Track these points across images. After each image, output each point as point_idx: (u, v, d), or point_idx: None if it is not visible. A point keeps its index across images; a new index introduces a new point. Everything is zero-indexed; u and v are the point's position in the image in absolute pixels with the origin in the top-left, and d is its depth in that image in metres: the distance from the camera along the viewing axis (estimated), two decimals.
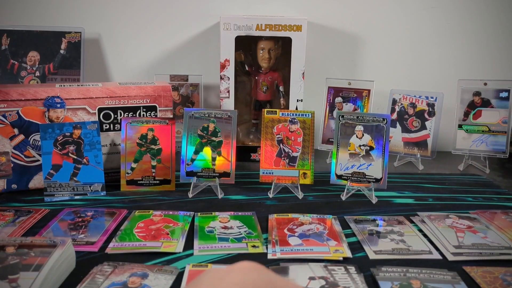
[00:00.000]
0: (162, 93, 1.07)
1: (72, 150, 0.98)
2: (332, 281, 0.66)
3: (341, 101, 1.25)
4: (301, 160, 1.05)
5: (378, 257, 0.75)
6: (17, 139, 0.99)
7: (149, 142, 1.02)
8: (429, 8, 1.34)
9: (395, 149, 1.26)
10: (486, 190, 1.07)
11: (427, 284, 0.66)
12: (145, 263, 0.71)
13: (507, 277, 0.69)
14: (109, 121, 1.05)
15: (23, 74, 1.24)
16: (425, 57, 1.38)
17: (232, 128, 1.03)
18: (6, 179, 0.99)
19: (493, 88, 1.21)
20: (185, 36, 1.36)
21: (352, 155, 1.01)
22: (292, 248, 0.77)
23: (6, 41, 1.23)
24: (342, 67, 1.38)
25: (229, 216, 0.89)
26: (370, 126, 1.01)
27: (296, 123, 1.06)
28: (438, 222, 0.87)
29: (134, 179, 1.02)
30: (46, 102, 0.99)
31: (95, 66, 1.36)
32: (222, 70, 1.19)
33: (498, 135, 1.20)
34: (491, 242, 0.79)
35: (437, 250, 0.77)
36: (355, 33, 1.36)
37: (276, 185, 1.02)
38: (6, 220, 0.85)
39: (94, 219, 0.87)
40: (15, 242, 0.68)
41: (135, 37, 1.35)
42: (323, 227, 0.84)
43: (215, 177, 1.02)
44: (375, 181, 1.00)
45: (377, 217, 0.90)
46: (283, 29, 1.16)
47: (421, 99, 1.24)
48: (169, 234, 0.81)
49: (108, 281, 0.65)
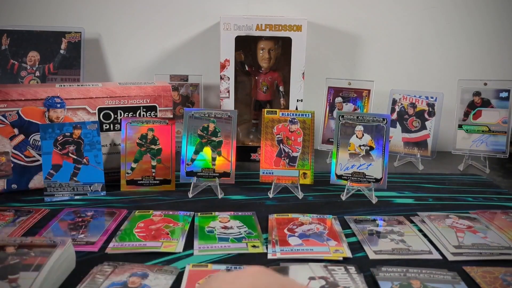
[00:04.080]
0: (162, 93, 1.07)
1: (72, 150, 0.98)
2: (332, 281, 0.66)
3: (341, 101, 1.25)
4: (301, 160, 1.05)
5: (378, 257, 0.75)
6: (17, 139, 0.99)
7: (149, 142, 1.02)
8: (429, 8, 1.34)
9: (395, 149, 1.26)
10: (486, 190, 1.07)
11: (427, 284, 0.66)
12: (145, 263, 0.71)
13: (507, 277, 0.69)
14: (109, 121, 1.05)
15: (23, 74, 1.24)
16: (425, 57, 1.38)
17: (232, 128, 1.03)
18: (6, 179, 0.99)
19: (493, 88, 1.21)
20: (185, 36, 1.36)
21: (352, 155, 1.01)
22: (292, 248, 0.77)
23: (6, 41, 1.23)
24: (342, 67, 1.38)
25: (229, 216, 0.89)
26: (370, 126, 1.01)
27: (296, 123, 1.06)
28: (438, 222, 0.87)
29: (134, 179, 1.02)
30: (46, 102, 0.99)
31: (95, 66, 1.36)
32: (222, 70, 1.19)
33: (498, 135, 1.20)
34: (491, 242, 0.79)
35: (437, 250, 0.77)
36: (355, 33, 1.36)
37: (276, 185, 1.02)
38: (6, 220, 0.85)
39: (94, 219, 0.87)
40: (15, 242, 0.68)
41: (135, 37, 1.35)
42: (323, 227, 0.84)
43: (215, 177, 1.02)
44: (375, 181, 1.00)
45: (377, 217, 0.90)
46: (283, 29, 1.16)
47: (421, 99, 1.24)
48: (169, 234, 0.81)
49: (108, 281, 0.65)
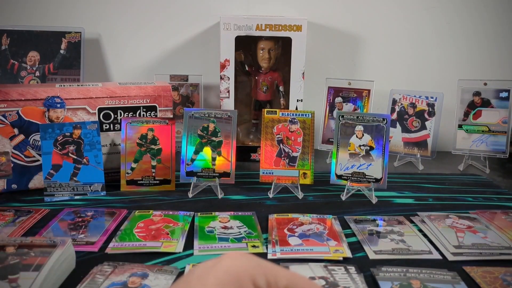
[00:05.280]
0: (162, 93, 1.07)
1: (72, 150, 0.98)
2: (332, 281, 0.66)
3: (341, 101, 1.25)
4: (301, 160, 1.05)
5: (378, 257, 0.75)
6: (17, 139, 0.99)
7: (149, 142, 1.02)
8: (429, 8, 1.34)
9: (395, 149, 1.26)
10: (486, 190, 1.07)
11: (427, 284, 0.66)
12: (145, 263, 0.71)
13: (507, 277, 0.69)
14: (109, 121, 1.05)
15: (23, 74, 1.24)
16: (425, 57, 1.38)
17: (232, 128, 1.03)
18: (6, 179, 0.99)
19: (493, 88, 1.21)
20: (185, 36, 1.36)
21: (352, 155, 1.01)
22: (292, 248, 0.77)
23: (6, 41, 1.23)
24: (342, 67, 1.38)
25: (229, 216, 0.89)
26: (370, 126, 1.01)
27: (296, 123, 1.06)
28: (438, 222, 0.87)
29: (134, 179, 1.02)
30: (46, 102, 0.99)
31: (95, 66, 1.36)
32: (222, 70, 1.19)
33: (498, 135, 1.20)
34: (491, 242, 0.79)
35: (437, 250, 0.77)
36: (355, 33, 1.36)
37: (276, 185, 1.02)
38: (6, 220, 0.85)
39: (94, 219, 0.87)
40: (15, 242, 0.68)
41: (135, 37, 1.35)
42: (323, 227, 0.84)
43: (215, 177, 1.02)
44: (375, 181, 1.00)
45: (377, 217, 0.90)
46: (283, 29, 1.16)
47: (421, 99, 1.24)
48: (169, 234, 0.81)
49: (108, 281, 0.65)
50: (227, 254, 0.42)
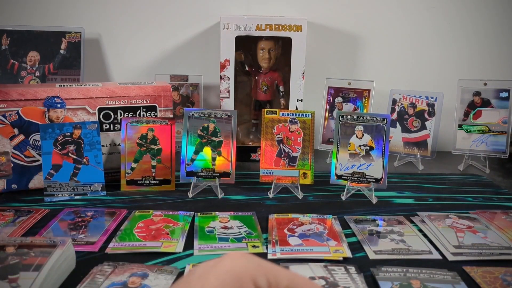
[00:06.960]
0: (162, 93, 1.07)
1: (72, 150, 0.98)
2: (332, 281, 0.66)
3: (341, 101, 1.25)
4: (301, 160, 1.05)
5: (378, 257, 0.75)
6: (17, 139, 0.99)
7: (149, 142, 1.02)
8: (430, 8, 1.34)
9: (395, 149, 1.26)
10: (486, 190, 1.07)
11: (427, 284, 0.66)
12: (145, 263, 0.71)
13: (507, 277, 0.69)
14: (109, 121, 1.05)
15: (23, 74, 1.24)
16: (425, 57, 1.38)
17: (232, 128, 1.03)
18: (6, 179, 0.99)
19: (493, 88, 1.21)
20: (185, 36, 1.36)
21: (352, 155, 1.02)
22: (292, 248, 0.77)
23: (6, 41, 1.23)
24: (342, 67, 1.38)
25: (229, 216, 0.89)
26: (370, 126, 1.01)
27: (296, 123, 1.06)
28: (438, 222, 0.87)
29: (134, 179, 1.02)
30: (46, 102, 0.99)
31: (95, 66, 1.36)
32: (222, 70, 1.19)
33: (498, 135, 1.20)
34: (491, 242, 0.79)
35: (437, 250, 0.77)
36: (355, 33, 1.36)
37: (276, 185, 1.02)
38: (6, 220, 0.85)
39: (94, 219, 0.87)
40: (15, 242, 0.68)
41: (135, 37, 1.35)
42: (323, 227, 0.84)
43: (215, 177, 1.02)
44: (375, 181, 1.00)
45: (377, 217, 0.90)
46: (283, 29, 1.16)
47: (421, 99, 1.24)
48: (169, 234, 0.81)
49: (108, 281, 0.65)
50: (228, 254, 0.42)
